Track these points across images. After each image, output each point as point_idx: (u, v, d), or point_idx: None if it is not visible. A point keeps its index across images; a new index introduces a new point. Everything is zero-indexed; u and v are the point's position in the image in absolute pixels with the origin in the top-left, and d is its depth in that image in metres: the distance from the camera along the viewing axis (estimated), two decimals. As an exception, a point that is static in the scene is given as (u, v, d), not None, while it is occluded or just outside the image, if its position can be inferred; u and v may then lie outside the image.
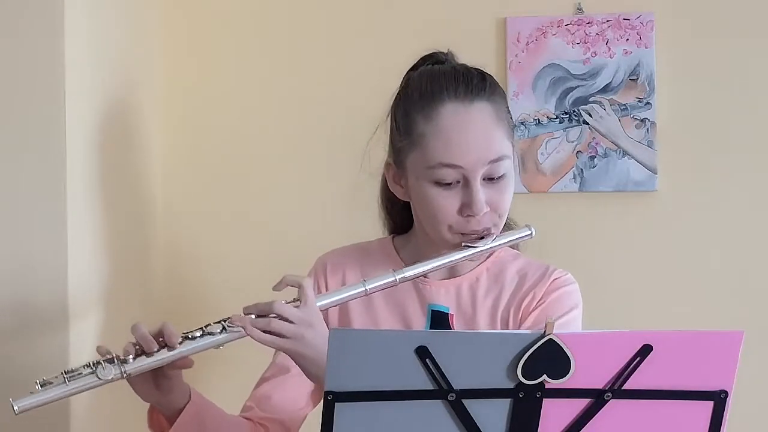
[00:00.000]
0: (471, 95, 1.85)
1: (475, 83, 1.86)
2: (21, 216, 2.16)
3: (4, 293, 2.16)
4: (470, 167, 1.82)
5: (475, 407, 1.45)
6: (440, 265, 1.87)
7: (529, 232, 1.91)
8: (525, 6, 2.74)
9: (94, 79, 2.31)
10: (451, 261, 1.87)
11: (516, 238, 1.91)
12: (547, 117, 2.73)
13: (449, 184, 1.83)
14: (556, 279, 1.92)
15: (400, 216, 2.00)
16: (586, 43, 2.72)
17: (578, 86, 2.72)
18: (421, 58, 1.97)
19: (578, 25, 2.72)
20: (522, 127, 2.73)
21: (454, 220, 1.84)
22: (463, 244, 1.86)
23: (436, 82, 1.87)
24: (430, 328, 1.91)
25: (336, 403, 1.43)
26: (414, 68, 1.96)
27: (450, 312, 1.93)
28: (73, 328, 2.18)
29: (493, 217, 1.85)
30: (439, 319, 1.92)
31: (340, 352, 1.42)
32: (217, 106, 2.81)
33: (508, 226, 1.94)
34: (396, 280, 1.84)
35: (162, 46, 2.78)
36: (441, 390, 1.43)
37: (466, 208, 1.83)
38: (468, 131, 1.83)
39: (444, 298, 1.93)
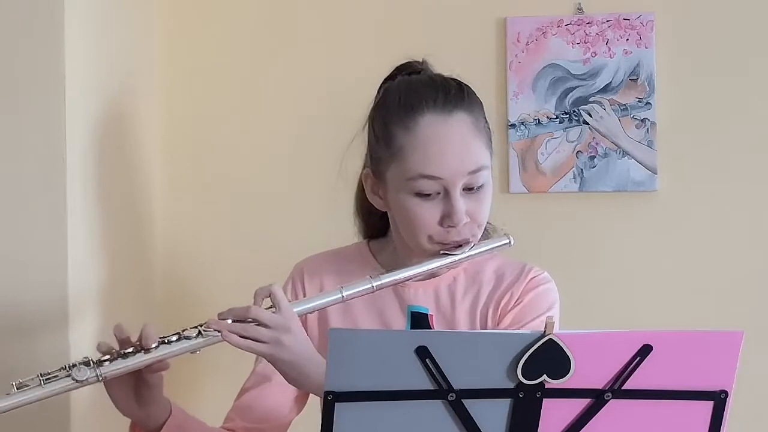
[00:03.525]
0: (450, 106, 1.85)
1: (453, 93, 1.87)
2: (21, 216, 2.16)
3: (3, 293, 2.17)
4: (450, 178, 1.82)
5: (475, 407, 1.45)
6: (418, 273, 1.88)
7: (507, 241, 1.91)
8: (525, 6, 2.74)
9: (94, 79, 2.31)
10: (429, 269, 1.88)
11: (494, 247, 1.91)
12: (547, 117, 2.73)
13: (429, 195, 1.83)
14: (533, 278, 1.93)
15: (376, 223, 2.00)
16: (586, 43, 2.72)
17: (578, 86, 2.72)
18: (396, 68, 1.97)
19: (578, 25, 2.72)
20: (522, 127, 2.73)
21: (435, 231, 1.85)
22: (441, 251, 1.86)
23: (414, 93, 1.87)
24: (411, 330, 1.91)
25: (336, 403, 1.43)
26: (390, 78, 1.96)
27: (429, 313, 1.93)
28: (72, 327, 2.18)
29: (472, 228, 1.86)
30: (418, 321, 1.93)
31: (340, 352, 1.43)
32: (217, 107, 2.81)
33: (485, 232, 1.94)
34: (373, 287, 1.84)
35: (162, 47, 2.78)
36: (441, 390, 1.44)
37: (447, 219, 1.84)
38: (447, 142, 1.83)
39: (423, 299, 1.94)
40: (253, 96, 2.80)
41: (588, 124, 2.72)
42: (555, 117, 2.73)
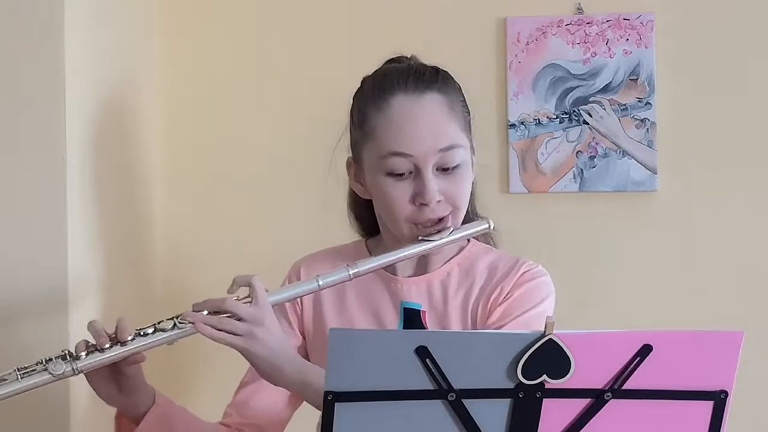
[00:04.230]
0: (422, 87, 1.86)
1: (426, 77, 1.88)
2: (22, 211, 2.16)
3: (4, 291, 2.17)
4: (420, 155, 1.82)
5: (475, 407, 1.45)
6: (394, 260, 1.88)
7: (487, 225, 1.90)
8: (525, 6, 2.74)
9: (94, 79, 2.31)
10: (406, 255, 1.87)
11: (473, 231, 1.90)
12: (547, 117, 2.73)
13: (402, 174, 1.84)
14: (525, 272, 1.91)
15: (369, 219, 2.01)
16: (586, 43, 2.72)
17: (578, 86, 2.72)
18: (385, 63, 1.98)
19: (578, 25, 2.72)
20: (522, 127, 2.73)
21: (408, 210, 1.84)
22: (419, 237, 1.86)
23: (387, 77, 1.89)
24: (404, 326, 1.91)
25: (336, 403, 1.43)
26: None
27: (422, 309, 1.93)
28: (72, 323, 2.18)
29: (447, 208, 1.85)
30: (411, 317, 1.93)
31: (339, 352, 1.42)
32: (217, 107, 2.81)
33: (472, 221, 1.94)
34: (349, 275, 1.84)
35: (162, 46, 2.78)
36: (441, 390, 1.43)
37: (419, 196, 1.83)
38: (417, 120, 1.84)
39: (416, 295, 1.93)
40: (254, 96, 2.81)
41: (588, 124, 2.72)
42: (555, 117, 2.73)
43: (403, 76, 1.87)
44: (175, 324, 1.77)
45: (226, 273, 2.72)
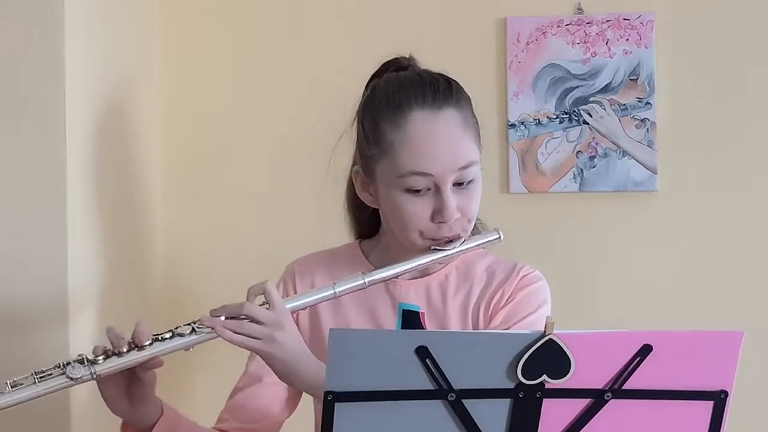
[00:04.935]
0: (439, 102, 1.86)
1: (441, 90, 1.87)
2: (21, 215, 2.17)
3: (4, 292, 2.17)
4: (440, 175, 1.83)
5: (475, 407, 1.45)
6: (409, 269, 1.88)
7: (497, 236, 1.92)
8: (525, 6, 2.74)
9: (94, 79, 2.31)
10: (420, 264, 1.88)
11: (484, 242, 1.91)
12: (547, 117, 2.73)
13: (419, 191, 1.84)
14: (524, 276, 1.93)
15: (367, 220, 2.01)
16: (586, 43, 2.72)
17: (578, 86, 2.72)
18: (383, 64, 1.98)
19: (578, 25, 2.72)
20: (522, 127, 2.73)
21: (426, 227, 1.85)
22: (432, 247, 1.87)
23: (402, 90, 1.88)
24: (402, 327, 1.92)
25: (336, 403, 1.43)
26: (377, 75, 1.97)
27: (421, 310, 1.93)
28: (72, 325, 2.18)
29: (463, 223, 1.87)
30: (410, 318, 1.93)
31: (339, 352, 1.43)
32: (217, 107, 2.81)
33: (475, 228, 1.94)
34: (365, 282, 1.85)
35: (162, 46, 2.78)
36: (441, 390, 1.44)
37: (438, 214, 1.84)
38: (437, 139, 1.84)
39: (414, 297, 1.94)
40: (254, 96, 2.80)
41: (588, 124, 2.72)
42: (555, 117, 2.73)
43: (419, 90, 1.87)
44: (193, 329, 1.76)
45: (226, 273, 2.75)
